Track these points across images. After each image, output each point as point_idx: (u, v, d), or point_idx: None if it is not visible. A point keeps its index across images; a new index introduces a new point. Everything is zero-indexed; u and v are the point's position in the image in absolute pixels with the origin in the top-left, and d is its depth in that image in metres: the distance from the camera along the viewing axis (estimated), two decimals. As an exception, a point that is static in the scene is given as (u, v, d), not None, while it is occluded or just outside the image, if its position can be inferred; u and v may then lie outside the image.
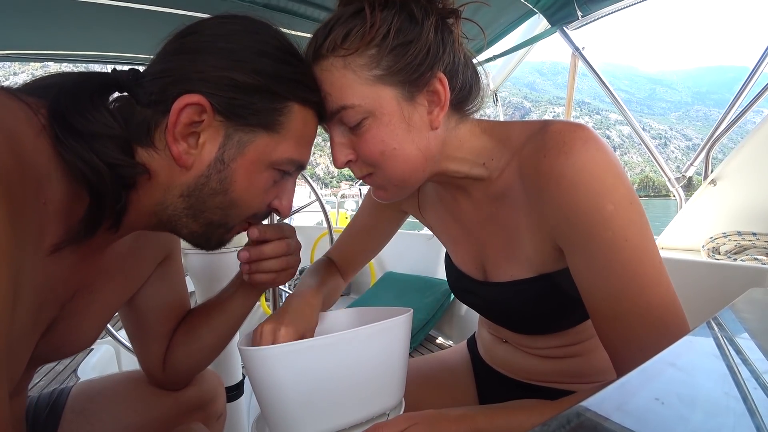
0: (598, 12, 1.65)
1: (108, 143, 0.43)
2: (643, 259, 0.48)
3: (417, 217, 0.80)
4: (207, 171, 0.48)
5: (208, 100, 0.46)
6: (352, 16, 0.52)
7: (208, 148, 0.48)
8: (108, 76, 0.47)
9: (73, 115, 0.41)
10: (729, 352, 0.33)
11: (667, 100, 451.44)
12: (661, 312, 0.47)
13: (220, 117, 0.47)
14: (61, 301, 0.48)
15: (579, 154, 0.48)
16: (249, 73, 0.47)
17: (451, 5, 0.55)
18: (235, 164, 0.49)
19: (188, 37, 0.49)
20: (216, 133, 0.48)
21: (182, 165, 0.47)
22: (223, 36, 0.48)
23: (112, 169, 0.42)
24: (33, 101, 0.41)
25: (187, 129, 0.46)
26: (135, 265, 0.62)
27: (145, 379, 0.74)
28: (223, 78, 0.46)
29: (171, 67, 0.47)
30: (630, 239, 0.47)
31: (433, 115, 0.55)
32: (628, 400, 0.26)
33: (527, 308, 0.62)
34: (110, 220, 0.45)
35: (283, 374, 0.50)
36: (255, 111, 0.48)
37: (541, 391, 0.69)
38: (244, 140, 0.49)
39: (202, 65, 0.46)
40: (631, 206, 0.48)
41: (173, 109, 0.44)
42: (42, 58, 1.91)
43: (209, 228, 0.52)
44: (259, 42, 0.49)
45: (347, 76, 0.52)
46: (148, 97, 0.46)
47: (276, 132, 0.50)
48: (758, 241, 1.48)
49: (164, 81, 0.46)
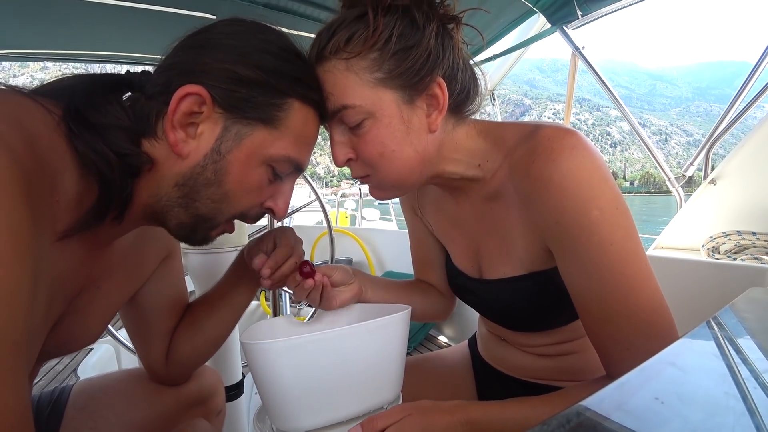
0: (597, 11, 1.65)
1: (118, 134, 0.44)
2: (630, 263, 0.49)
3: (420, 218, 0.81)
4: (203, 161, 0.48)
5: (209, 91, 0.46)
6: (356, 19, 0.53)
7: (205, 138, 0.48)
8: (121, 76, 0.49)
9: (87, 109, 0.43)
10: (729, 352, 0.33)
11: (667, 96, 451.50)
12: (649, 313, 0.49)
13: (220, 109, 0.48)
14: (69, 296, 0.49)
15: (566, 160, 0.49)
16: (251, 68, 0.48)
17: (452, 11, 0.56)
18: (231, 156, 0.49)
19: (198, 36, 0.50)
20: (214, 125, 0.48)
21: (178, 153, 0.47)
22: (230, 34, 0.49)
23: (120, 159, 0.44)
24: (47, 101, 0.42)
25: (186, 118, 0.47)
26: (138, 262, 0.63)
27: (146, 375, 0.75)
28: (225, 71, 0.47)
29: (177, 61, 0.48)
30: (616, 243, 0.49)
31: (432, 119, 0.56)
32: (627, 400, 0.26)
33: (520, 305, 0.63)
34: (116, 209, 0.46)
35: (284, 368, 0.52)
36: (255, 105, 0.49)
37: (539, 389, 0.69)
38: (241, 133, 0.49)
39: (206, 58, 0.48)
40: (617, 211, 0.49)
41: (174, 98, 0.45)
42: (41, 58, 1.91)
43: (197, 220, 0.52)
44: (263, 41, 0.50)
45: (349, 77, 0.53)
46: (153, 89, 0.47)
47: (274, 127, 0.50)
48: (758, 240, 1.48)
49: (169, 73, 0.48)
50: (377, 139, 0.55)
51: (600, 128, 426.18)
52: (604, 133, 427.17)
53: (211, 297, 0.72)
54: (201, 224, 0.52)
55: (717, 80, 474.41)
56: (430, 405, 0.53)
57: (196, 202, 0.50)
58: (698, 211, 1.68)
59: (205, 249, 1.14)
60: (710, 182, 1.63)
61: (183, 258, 1.14)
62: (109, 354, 1.96)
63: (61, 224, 0.41)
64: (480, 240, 0.67)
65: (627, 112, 1.85)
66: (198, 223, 0.52)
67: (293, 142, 0.52)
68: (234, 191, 0.51)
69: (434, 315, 0.84)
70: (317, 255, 3.37)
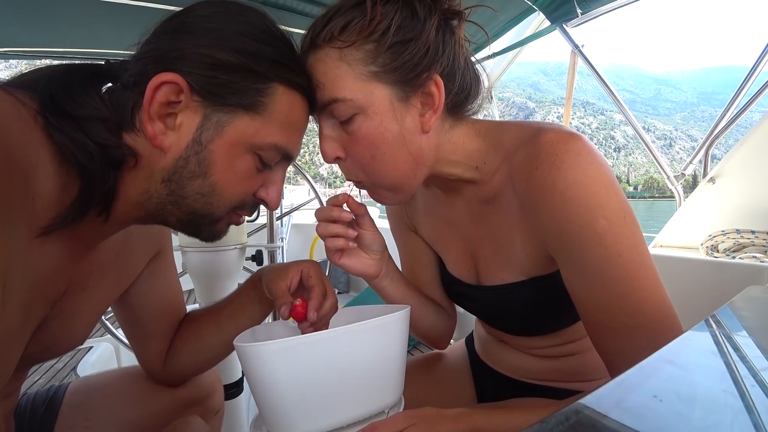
0: (597, 10, 1.65)
1: (98, 125, 0.43)
2: (638, 274, 0.47)
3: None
4: (185, 153, 0.46)
5: (186, 79, 0.44)
6: (353, 7, 0.51)
7: (185, 129, 0.46)
8: (99, 66, 0.47)
9: (65, 99, 0.41)
10: (727, 350, 0.33)
11: (672, 101, 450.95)
12: (657, 323, 0.47)
13: (198, 97, 0.46)
14: (51, 299, 0.47)
15: (571, 168, 0.47)
16: (229, 52, 0.45)
17: (457, 6, 0.54)
18: (213, 145, 0.47)
19: (174, 20, 0.47)
20: (194, 114, 0.46)
21: (157, 145, 0.45)
22: (206, 17, 0.47)
23: (101, 150, 0.42)
24: (20, 93, 0.40)
25: (163, 109, 0.45)
26: (126, 261, 0.61)
27: (142, 374, 0.74)
28: (201, 56, 0.45)
29: (152, 47, 0.46)
30: (623, 254, 0.47)
31: (425, 119, 0.54)
32: (626, 398, 0.26)
33: (520, 311, 0.62)
34: (99, 205, 0.44)
35: (279, 371, 0.49)
36: (235, 91, 0.46)
37: (538, 390, 0.69)
38: (222, 121, 0.47)
39: (181, 44, 0.45)
40: (624, 220, 0.47)
41: (148, 87, 0.43)
42: (40, 56, 1.90)
43: (195, 217, 0.50)
44: (243, 23, 0.47)
45: (341, 68, 0.51)
46: (128, 79, 0.45)
47: (258, 114, 0.48)
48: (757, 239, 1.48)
49: (145, 62, 0.45)
50: (368, 139, 0.52)
51: (604, 132, 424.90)
52: (608, 137, 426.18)
53: (219, 314, 0.70)
54: (201, 220, 0.51)
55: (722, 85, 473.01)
56: (433, 413, 0.51)
57: (186, 199, 0.48)
58: (697, 210, 1.68)
59: (204, 247, 1.13)
60: (709, 181, 1.63)
61: (182, 256, 1.14)
62: (109, 352, 1.96)
63: (38, 221, 0.39)
64: (476, 244, 0.65)
65: (626, 110, 1.84)
66: (197, 220, 0.50)
67: (279, 128, 0.50)
68: (221, 182, 0.49)
69: (440, 334, 0.79)
70: (317, 254, 3.37)
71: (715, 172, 1.62)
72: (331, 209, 0.61)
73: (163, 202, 0.48)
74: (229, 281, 1.21)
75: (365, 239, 0.65)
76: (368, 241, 0.65)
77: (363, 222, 0.64)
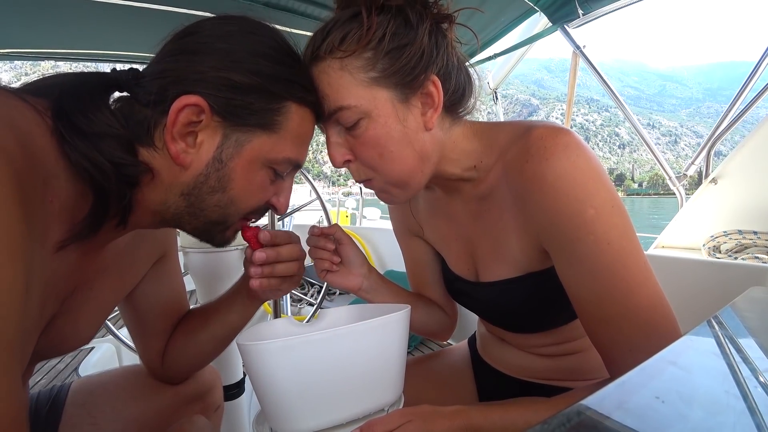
0: (598, 10, 1.65)
1: (112, 143, 0.44)
2: (628, 262, 0.48)
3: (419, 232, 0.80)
4: (205, 170, 0.48)
5: (206, 100, 0.46)
6: (350, 19, 0.53)
7: (206, 148, 0.48)
8: (107, 76, 0.47)
9: (77, 115, 0.42)
10: (729, 351, 0.33)
11: (677, 97, 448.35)
12: (650, 313, 0.48)
13: (218, 117, 0.48)
14: (61, 297, 0.49)
15: (559, 159, 0.49)
16: (246, 74, 0.48)
17: (446, 10, 0.57)
18: (233, 163, 0.49)
19: (187, 38, 0.49)
20: (214, 133, 0.48)
21: (180, 164, 0.47)
22: (221, 37, 0.48)
23: (116, 168, 0.43)
24: (38, 102, 0.41)
25: (185, 129, 0.46)
26: (131, 263, 0.63)
27: (144, 372, 0.75)
28: (220, 79, 0.47)
29: (170, 67, 0.47)
30: (612, 242, 0.48)
31: (427, 117, 0.56)
32: (628, 399, 0.26)
33: (517, 307, 0.63)
34: (117, 218, 0.46)
35: (281, 369, 0.51)
36: (253, 111, 0.48)
37: (539, 389, 0.70)
38: (241, 140, 0.49)
39: (200, 66, 0.47)
40: (613, 210, 0.49)
41: (172, 110, 0.45)
42: (43, 57, 1.91)
43: (210, 226, 0.53)
44: (256, 42, 0.49)
45: (344, 77, 0.53)
46: (147, 98, 0.46)
47: (274, 132, 0.51)
48: (759, 239, 1.47)
49: (163, 81, 0.47)
50: (374, 139, 0.55)
51: (608, 129, 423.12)
52: (612, 133, 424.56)
53: (208, 311, 0.72)
54: (215, 228, 0.53)
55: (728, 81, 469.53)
56: (430, 410, 0.52)
57: (204, 211, 0.50)
58: (699, 210, 1.68)
59: (206, 248, 1.14)
60: (711, 181, 1.63)
61: (184, 257, 1.14)
62: (110, 353, 1.97)
63: (54, 228, 0.41)
64: (475, 241, 0.67)
65: (626, 109, 1.84)
66: (211, 228, 0.53)
67: (292, 143, 0.53)
68: (239, 195, 0.51)
69: (435, 330, 0.82)
70: (318, 254, 3.36)
71: (717, 173, 1.62)
72: (317, 240, 0.70)
73: (181, 213, 0.50)
74: (231, 282, 1.20)
75: (348, 258, 0.73)
76: (350, 259, 0.73)
77: (345, 246, 0.73)
